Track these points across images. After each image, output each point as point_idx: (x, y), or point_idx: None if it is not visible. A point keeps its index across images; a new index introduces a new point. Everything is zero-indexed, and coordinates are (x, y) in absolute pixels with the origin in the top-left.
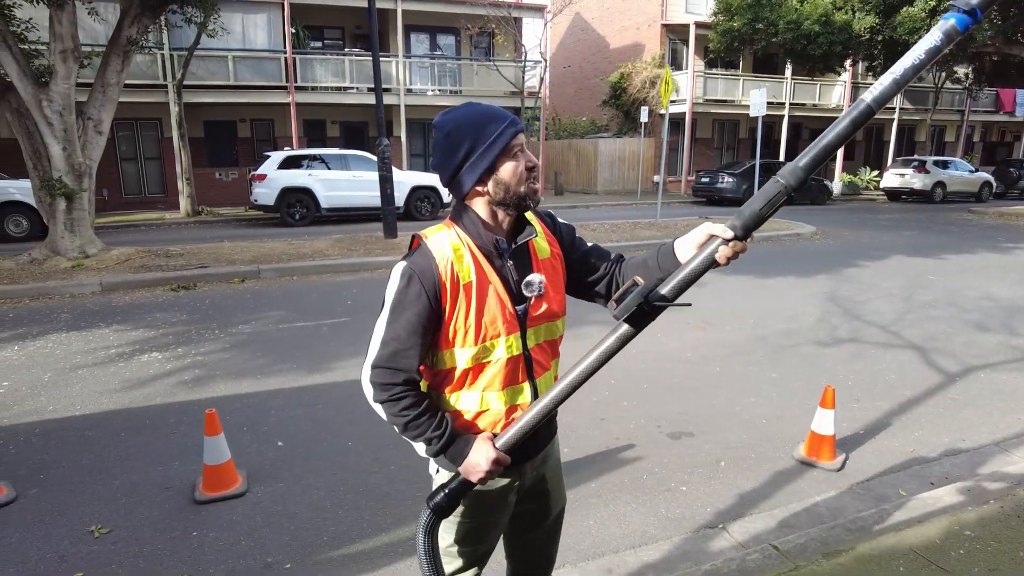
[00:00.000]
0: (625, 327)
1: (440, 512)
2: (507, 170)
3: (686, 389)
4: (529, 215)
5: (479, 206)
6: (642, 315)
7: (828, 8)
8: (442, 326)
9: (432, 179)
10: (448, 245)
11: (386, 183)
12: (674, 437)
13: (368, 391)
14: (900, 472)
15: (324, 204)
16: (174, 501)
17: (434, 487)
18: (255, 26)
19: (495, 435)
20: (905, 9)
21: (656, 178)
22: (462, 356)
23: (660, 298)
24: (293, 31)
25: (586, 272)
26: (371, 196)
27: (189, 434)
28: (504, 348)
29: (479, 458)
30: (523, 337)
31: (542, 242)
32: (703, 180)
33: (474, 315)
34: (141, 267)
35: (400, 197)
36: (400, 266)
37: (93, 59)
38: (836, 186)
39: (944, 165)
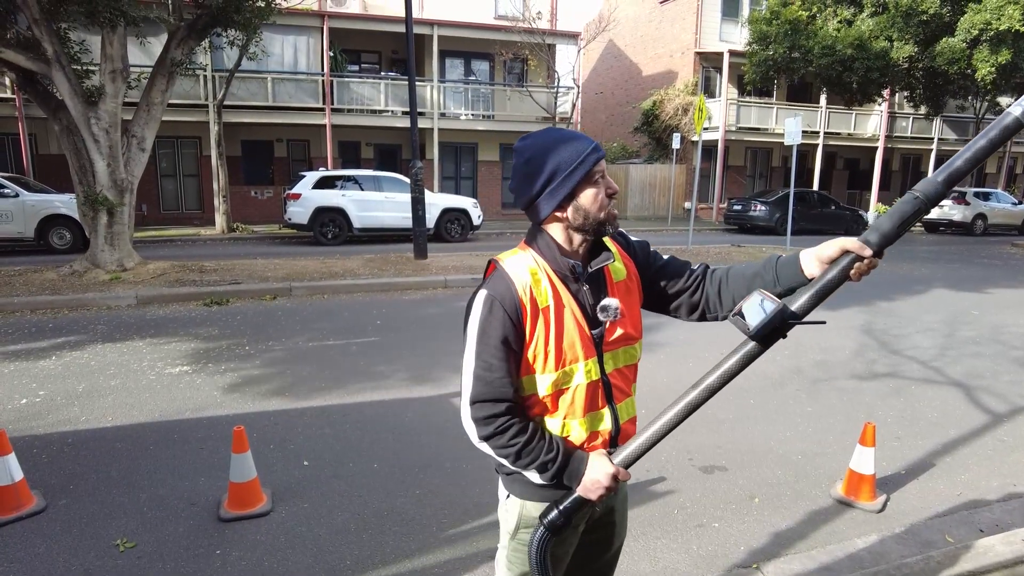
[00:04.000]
0: (752, 345)
1: (555, 530)
2: (588, 197)
3: (719, 421)
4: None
5: (556, 230)
6: (774, 334)
7: (864, 33)
8: (523, 351)
9: (462, 202)
10: (525, 269)
11: (418, 204)
12: (706, 471)
13: (471, 430)
14: (947, 517)
15: (356, 224)
16: (199, 517)
17: (500, 512)
18: (294, 49)
19: (611, 451)
20: (945, 39)
21: (687, 204)
22: (542, 382)
23: (792, 315)
24: (331, 54)
25: (665, 286)
26: (403, 217)
27: (216, 450)
28: (583, 373)
29: (598, 474)
30: (600, 362)
31: (618, 264)
32: (735, 208)
33: (554, 340)
34: (176, 281)
35: (431, 219)
36: (481, 295)
37: (141, 80)
38: (871, 216)
39: (985, 197)
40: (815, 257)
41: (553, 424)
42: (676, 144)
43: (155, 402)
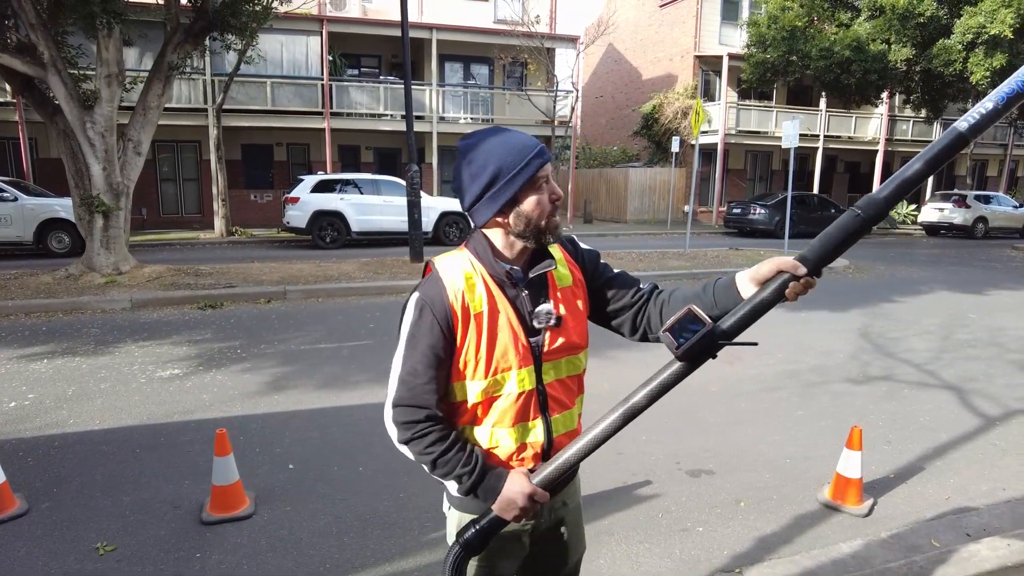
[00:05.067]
0: (678, 364)
1: (469, 548)
2: (530, 203)
3: (709, 425)
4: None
5: (496, 235)
6: (703, 355)
7: (861, 35)
8: (454, 357)
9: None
10: (460, 273)
11: (414, 208)
12: (693, 475)
13: (392, 433)
14: (934, 521)
15: (355, 228)
16: (182, 521)
17: (447, 526)
18: (294, 53)
19: (532, 470)
20: (941, 41)
21: (686, 208)
22: (472, 389)
23: (723, 335)
24: (331, 59)
25: (611, 300)
26: (401, 220)
27: (203, 452)
28: (516, 382)
29: (513, 493)
30: (538, 371)
31: (563, 270)
32: (735, 211)
33: (485, 346)
34: (171, 285)
35: (429, 222)
36: (413, 298)
37: (137, 84)
38: None
39: (986, 200)
40: (750, 278)
41: (482, 433)
42: (675, 147)
43: (144, 405)
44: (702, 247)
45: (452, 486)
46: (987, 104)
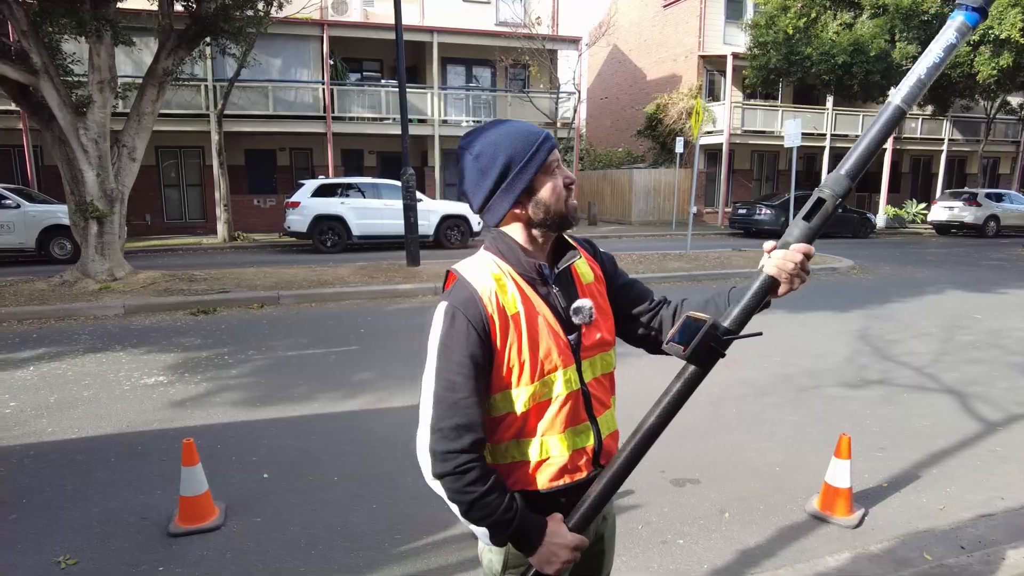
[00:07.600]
0: (692, 369)
1: None
2: (547, 189)
3: (697, 431)
4: (569, 239)
5: (516, 230)
6: (711, 353)
7: (862, 36)
8: (493, 366)
9: (462, 208)
10: (488, 274)
11: (410, 211)
12: (677, 484)
13: (425, 463)
14: (926, 533)
15: (355, 231)
16: (148, 532)
17: (482, 554)
18: (295, 58)
19: (566, 517)
20: None
21: (693, 209)
22: (519, 397)
23: (726, 331)
24: (332, 63)
25: (630, 303)
26: (401, 224)
27: (177, 461)
28: (563, 383)
29: (556, 547)
30: (579, 370)
31: (584, 267)
32: (740, 212)
33: (528, 348)
34: (164, 291)
35: (430, 226)
36: (441, 307)
37: (133, 90)
38: (880, 219)
39: (998, 198)
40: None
41: (531, 446)
42: (680, 148)
43: (124, 413)
44: (705, 248)
45: (482, 533)
46: (912, 78)
